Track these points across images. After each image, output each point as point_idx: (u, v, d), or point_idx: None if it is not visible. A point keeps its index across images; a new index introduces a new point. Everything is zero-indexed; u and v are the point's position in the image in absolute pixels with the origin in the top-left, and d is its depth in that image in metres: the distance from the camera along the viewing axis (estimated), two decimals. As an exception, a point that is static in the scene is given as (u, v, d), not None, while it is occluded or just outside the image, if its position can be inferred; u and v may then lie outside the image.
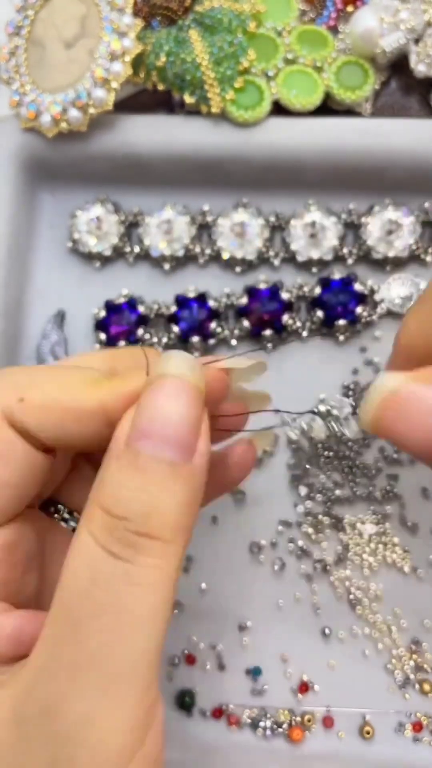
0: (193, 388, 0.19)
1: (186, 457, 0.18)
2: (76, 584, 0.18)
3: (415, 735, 0.34)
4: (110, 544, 0.18)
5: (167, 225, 0.37)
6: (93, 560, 0.18)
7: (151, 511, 0.18)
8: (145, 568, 0.18)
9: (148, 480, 0.18)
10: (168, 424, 0.18)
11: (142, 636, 0.17)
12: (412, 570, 0.35)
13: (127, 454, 0.18)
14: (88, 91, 0.35)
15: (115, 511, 0.18)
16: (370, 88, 0.37)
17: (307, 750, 0.34)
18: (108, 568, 0.17)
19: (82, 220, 0.38)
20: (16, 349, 0.38)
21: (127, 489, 0.18)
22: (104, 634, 0.17)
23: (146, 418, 0.18)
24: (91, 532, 0.18)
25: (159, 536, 0.18)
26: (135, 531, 0.18)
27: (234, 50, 0.36)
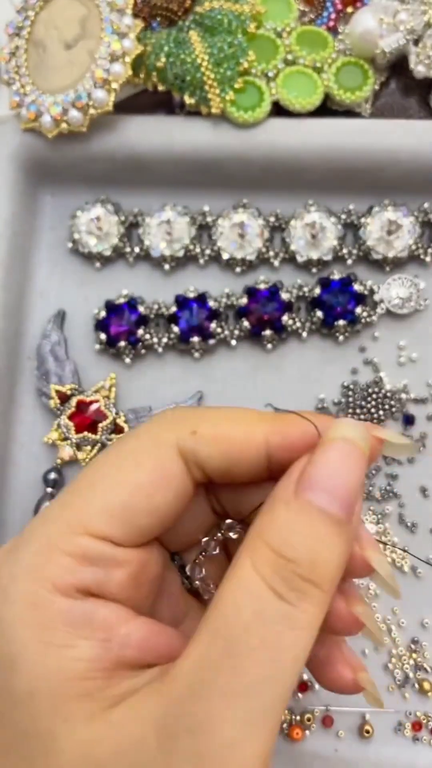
0: (364, 455, 0.20)
1: (349, 517, 0.20)
2: (239, 616, 0.18)
3: (414, 734, 0.34)
4: (277, 584, 0.18)
5: (167, 225, 0.37)
6: (258, 596, 0.18)
7: (317, 560, 0.19)
8: (305, 614, 0.19)
9: (317, 531, 0.19)
10: (340, 482, 0.20)
11: (290, 677, 0.18)
12: (412, 569, 0.35)
13: (298, 501, 0.19)
14: (88, 91, 0.35)
15: (284, 553, 0.19)
16: (369, 88, 0.37)
17: (307, 749, 0.34)
18: (273, 607, 0.18)
19: (83, 221, 0.38)
20: (17, 349, 0.38)
21: (298, 534, 0.19)
22: (262, 669, 0.18)
23: (320, 471, 0.20)
24: (257, 567, 0.19)
25: (320, 585, 0.19)
26: (301, 575, 0.19)
27: (234, 51, 0.36)
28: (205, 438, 0.21)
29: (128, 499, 0.21)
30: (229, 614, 0.19)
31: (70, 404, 0.37)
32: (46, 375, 0.37)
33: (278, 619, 0.18)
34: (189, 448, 0.21)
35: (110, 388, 0.37)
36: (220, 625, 0.19)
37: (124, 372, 0.38)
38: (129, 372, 0.38)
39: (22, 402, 0.38)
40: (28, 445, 0.38)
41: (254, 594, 0.19)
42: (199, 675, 0.18)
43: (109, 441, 0.36)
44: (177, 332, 0.37)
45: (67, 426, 0.36)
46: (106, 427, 0.36)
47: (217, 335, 0.37)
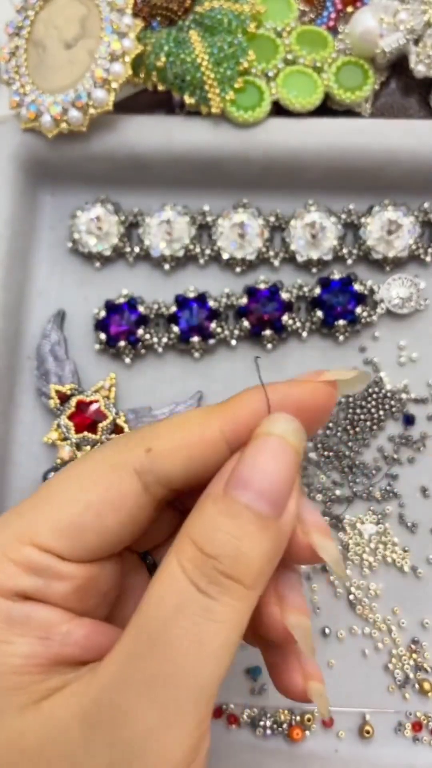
0: (294, 450, 0.20)
1: (276, 513, 0.20)
2: (162, 608, 0.19)
3: (414, 735, 0.34)
4: (198, 579, 0.19)
5: (167, 225, 0.37)
6: (180, 589, 0.19)
7: (239, 556, 0.19)
8: (225, 608, 0.19)
9: (241, 528, 0.19)
10: (266, 479, 0.20)
11: (211, 668, 0.19)
12: (412, 569, 0.35)
13: (225, 499, 0.20)
14: (88, 91, 0.35)
15: (207, 549, 0.19)
16: (369, 88, 0.37)
17: (307, 749, 0.34)
18: (193, 599, 0.19)
19: (83, 221, 0.38)
20: (17, 349, 0.38)
21: (221, 532, 0.19)
22: (181, 659, 0.18)
23: (247, 470, 0.20)
24: (181, 563, 0.19)
25: (242, 581, 0.19)
26: (222, 571, 0.19)
27: (234, 51, 0.36)
28: (160, 454, 0.21)
29: (77, 517, 0.21)
30: (152, 608, 0.19)
31: (69, 404, 0.37)
32: (46, 375, 0.37)
33: (198, 612, 0.19)
34: (147, 469, 0.21)
35: (110, 388, 0.37)
36: (144, 619, 0.19)
37: (124, 372, 0.38)
38: (129, 372, 0.38)
39: (21, 402, 0.38)
40: (27, 445, 0.38)
41: (176, 588, 0.19)
42: (123, 667, 0.19)
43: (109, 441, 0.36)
44: (177, 332, 0.37)
45: (67, 426, 0.36)
46: (106, 427, 0.36)
47: (217, 335, 0.37)
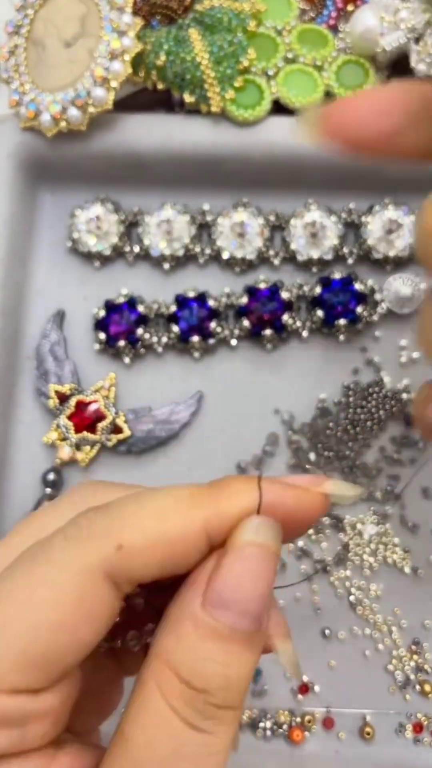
0: (275, 558, 0.19)
1: (259, 627, 0.18)
2: (154, 752, 0.17)
3: (415, 736, 0.34)
4: (191, 717, 0.18)
5: (167, 224, 0.37)
6: (174, 731, 0.18)
7: (230, 685, 0.18)
8: (222, 736, 0.18)
9: (228, 653, 0.18)
10: (250, 598, 0.18)
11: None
12: (413, 570, 0.35)
13: (206, 620, 0.18)
14: (87, 90, 0.35)
15: (196, 684, 0.18)
16: (370, 87, 0.37)
17: (308, 751, 0.34)
18: (189, 739, 0.18)
19: (82, 220, 0.38)
20: (16, 349, 0.38)
21: (209, 661, 0.18)
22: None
23: (228, 587, 0.18)
24: (168, 700, 0.18)
25: (235, 707, 0.18)
26: (216, 705, 0.18)
27: (234, 49, 0.36)
28: (134, 551, 0.18)
29: (50, 643, 0.18)
30: (140, 749, 0.18)
31: (69, 404, 0.36)
32: (46, 375, 0.37)
33: (196, 750, 0.18)
34: (117, 569, 0.18)
35: (110, 388, 0.37)
36: (131, 760, 0.18)
37: (124, 372, 0.38)
38: (128, 372, 0.38)
39: (21, 402, 0.38)
40: (27, 445, 0.37)
41: (168, 729, 0.17)
42: None
43: (109, 441, 0.36)
44: (177, 332, 0.37)
45: (67, 426, 0.36)
46: (106, 427, 0.36)
47: (217, 335, 0.37)
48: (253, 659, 0.19)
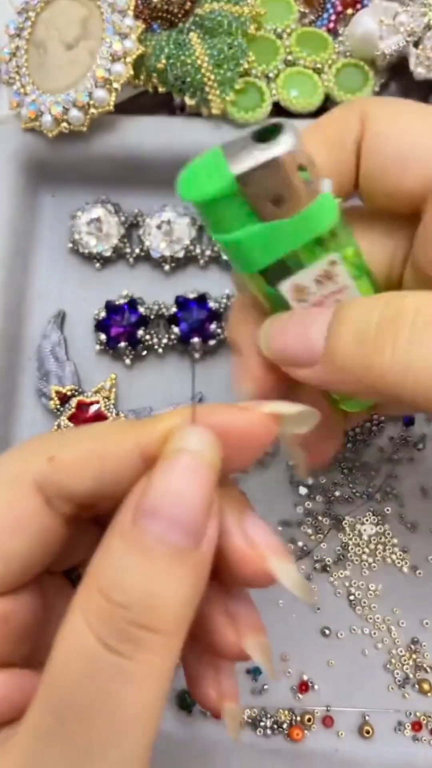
0: (210, 467, 0.17)
1: (194, 542, 0.17)
2: (68, 675, 0.16)
3: (414, 734, 0.34)
4: (107, 636, 0.16)
5: (167, 226, 0.37)
6: (87, 651, 0.16)
7: (154, 602, 0.16)
8: (142, 665, 0.16)
9: (153, 565, 0.16)
10: (179, 504, 0.17)
11: (134, 736, 0.16)
12: (412, 569, 0.35)
13: (133, 532, 0.17)
14: (89, 91, 0.35)
15: (114, 598, 0.16)
16: (369, 90, 0.37)
17: (307, 749, 0.34)
18: (103, 662, 0.16)
19: (83, 221, 0.38)
20: (17, 349, 0.38)
21: (130, 573, 0.16)
22: (94, 733, 0.16)
23: (157, 495, 0.17)
24: (87, 618, 0.16)
25: (160, 629, 0.16)
26: (133, 622, 0.16)
27: (234, 52, 0.36)
28: (66, 463, 0.18)
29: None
30: (57, 676, 0.16)
31: (70, 405, 0.37)
32: (46, 376, 0.37)
33: (111, 676, 0.16)
34: (48, 480, 0.18)
35: (110, 389, 0.37)
36: (50, 686, 0.17)
37: (125, 373, 0.38)
38: (129, 373, 0.38)
39: (22, 403, 0.38)
40: (28, 445, 0.38)
41: (82, 650, 0.16)
42: (33, 746, 0.16)
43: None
44: (177, 333, 0.37)
45: (68, 427, 0.36)
46: (107, 427, 0.36)
47: (217, 336, 0.37)
48: (187, 581, 0.17)
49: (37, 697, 0.17)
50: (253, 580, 0.19)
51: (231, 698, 0.22)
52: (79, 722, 0.16)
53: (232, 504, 0.20)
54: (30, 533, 0.19)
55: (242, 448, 0.19)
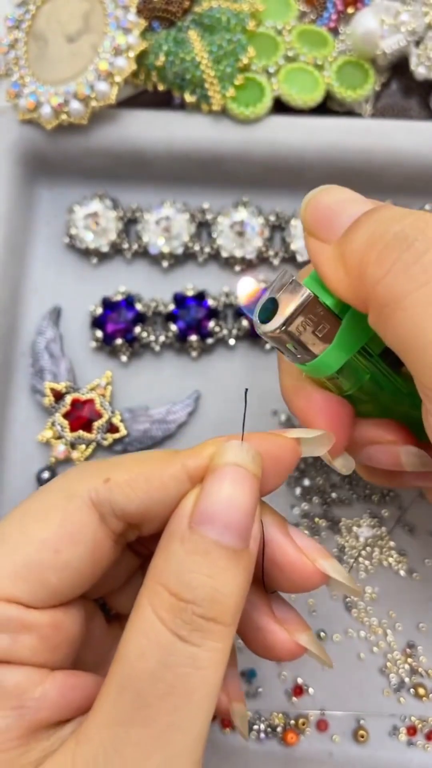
0: (253, 477, 0.20)
1: (245, 543, 0.19)
2: (145, 665, 0.18)
3: (409, 739, 0.34)
4: (179, 628, 0.18)
5: (166, 222, 0.37)
6: (162, 642, 0.18)
7: (216, 597, 0.19)
8: (210, 652, 0.19)
9: (214, 566, 0.19)
10: (231, 510, 0.19)
11: (204, 716, 0.18)
12: (408, 573, 0.35)
13: (192, 537, 0.19)
14: (91, 84, 0.34)
15: (183, 595, 0.19)
16: (370, 87, 0.37)
17: (301, 753, 0.34)
18: (177, 651, 0.18)
19: (80, 216, 0.38)
20: (12, 345, 0.37)
21: (195, 573, 0.19)
22: (172, 715, 0.18)
23: (210, 503, 0.19)
24: (157, 613, 0.19)
25: (222, 620, 0.19)
26: (202, 615, 0.18)
27: (233, 48, 0.36)
28: (119, 483, 0.21)
29: (34, 557, 0.20)
30: (133, 664, 0.18)
31: (64, 402, 0.36)
32: (41, 372, 0.37)
33: (183, 662, 0.18)
34: (103, 498, 0.21)
35: (106, 387, 0.37)
36: (126, 677, 0.18)
37: (121, 370, 0.37)
38: (125, 370, 0.38)
39: (16, 399, 0.37)
40: (21, 443, 0.37)
41: (157, 640, 0.18)
42: (111, 732, 0.18)
43: (105, 440, 0.36)
44: (175, 330, 0.36)
45: (62, 424, 0.36)
46: (101, 426, 0.36)
47: (215, 334, 0.37)
48: (241, 578, 0.19)
49: (109, 689, 0.19)
50: (305, 582, 0.22)
51: (238, 700, 0.24)
52: (156, 707, 0.18)
53: (274, 519, 0.22)
54: (85, 546, 0.21)
55: (275, 468, 0.21)
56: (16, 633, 0.20)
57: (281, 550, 0.22)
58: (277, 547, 0.22)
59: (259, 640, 0.23)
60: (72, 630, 0.22)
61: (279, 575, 0.22)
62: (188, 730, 0.18)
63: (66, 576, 0.20)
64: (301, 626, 0.23)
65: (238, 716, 0.24)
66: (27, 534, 0.20)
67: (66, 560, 0.20)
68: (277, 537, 0.22)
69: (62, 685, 0.20)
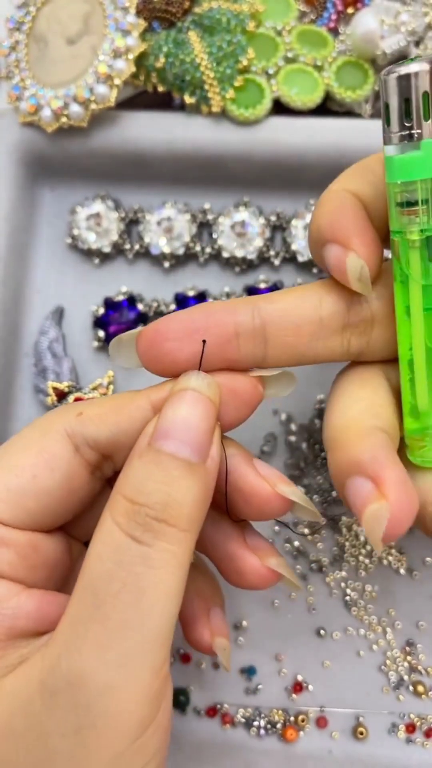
0: (209, 400, 0.22)
1: (201, 458, 0.21)
2: (101, 566, 0.20)
3: (408, 736, 0.34)
4: (132, 529, 0.20)
5: (167, 222, 0.37)
6: (117, 544, 0.20)
7: (169, 501, 0.20)
8: (162, 553, 0.20)
9: (168, 474, 0.20)
10: (186, 427, 0.21)
11: (158, 615, 0.19)
12: (408, 571, 0.35)
13: (150, 451, 0.21)
14: (90, 86, 0.35)
15: (137, 500, 0.20)
16: (370, 88, 0.37)
17: (301, 750, 0.34)
18: (130, 550, 0.20)
19: (82, 217, 0.38)
20: (14, 345, 0.38)
21: (149, 481, 0.20)
22: (125, 612, 0.19)
23: (168, 421, 0.21)
24: (115, 519, 0.20)
25: (175, 524, 0.20)
26: (154, 517, 0.20)
27: (233, 49, 0.36)
28: (90, 417, 0.23)
29: (13, 481, 0.22)
30: (93, 567, 0.20)
31: (67, 401, 0.36)
32: (44, 372, 0.37)
33: (137, 561, 0.20)
34: (76, 430, 0.23)
35: (108, 386, 0.37)
36: (86, 580, 0.20)
37: (123, 370, 0.38)
38: (127, 370, 0.38)
39: (19, 399, 0.38)
40: (24, 441, 0.37)
41: (113, 543, 0.20)
42: (73, 630, 0.19)
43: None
44: (175, 330, 0.37)
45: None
46: (103, 424, 0.36)
47: (215, 334, 0.37)
48: (197, 488, 0.21)
49: (75, 590, 0.20)
50: (268, 508, 0.23)
51: (222, 635, 0.27)
52: (113, 604, 0.19)
53: (240, 452, 0.24)
54: (61, 474, 0.22)
55: (234, 402, 0.23)
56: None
57: (244, 478, 0.23)
58: (239, 476, 0.23)
59: (231, 568, 0.25)
60: (51, 555, 0.23)
61: (243, 503, 0.23)
62: (144, 627, 0.19)
63: (43, 500, 0.22)
64: (270, 552, 0.25)
65: (220, 649, 0.26)
66: (7, 463, 0.22)
67: (43, 486, 0.22)
68: (241, 466, 0.23)
69: (39, 600, 0.22)
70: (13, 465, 0.22)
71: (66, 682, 0.19)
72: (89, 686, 0.19)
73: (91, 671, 0.19)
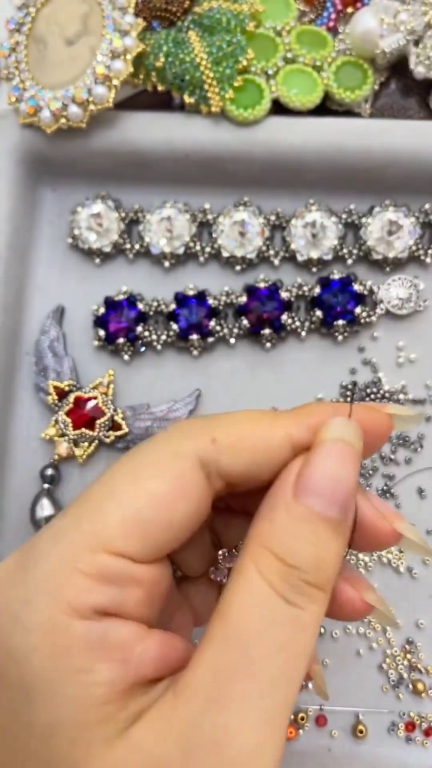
0: (358, 455, 0.21)
1: (346, 516, 0.20)
2: (252, 623, 0.19)
3: (407, 735, 0.34)
4: (285, 591, 0.19)
5: (168, 222, 0.37)
6: (269, 603, 0.19)
7: (320, 564, 0.20)
8: (311, 615, 0.20)
9: (317, 535, 0.20)
10: (338, 487, 0.20)
11: (301, 673, 0.19)
12: (408, 570, 0.35)
13: (298, 506, 0.20)
14: (88, 87, 0.35)
15: (288, 561, 0.19)
16: (369, 88, 0.37)
17: (300, 748, 0.34)
18: (283, 612, 0.19)
19: (83, 217, 0.38)
20: (16, 344, 0.38)
21: (300, 540, 0.20)
22: (276, 671, 0.19)
23: (317, 477, 0.20)
24: (263, 574, 0.19)
25: (323, 588, 0.20)
26: (307, 581, 0.19)
27: (233, 49, 0.36)
28: (225, 445, 0.21)
29: (147, 512, 0.20)
30: (240, 621, 0.19)
31: (68, 400, 0.37)
32: (44, 371, 0.37)
33: (288, 623, 0.19)
34: (210, 458, 0.21)
35: (108, 385, 0.37)
36: (231, 632, 0.19)
37: (123, 369, 0.38)
38: (127, 369, 0.38)
39: (19, 398, 0.38)
40: (25, 441, 0.38)
41: (264, 600, 0.19)
42: (215, 683, 0.19)
43: (107, 438, 0.36)
44: (176, 330, 0.37)
45: (65, 422, 0.36)
46: (104, 423, 0.36)
47: (216, 333, 0.37)
48: (340, 549, 0.20)
49: (211, 645, 0.19)
50: (384, 542, 0.23)
51: (316, 662, 0.26)
52: (261, 662, 0.19)
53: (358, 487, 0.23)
54: (192, 503, 0.21)
55: (370, 441, 0.22)
56: (126, 587, 0.20)
57: (364, 512, 0.22)
58: (361, 513, 0.22)
59: (331, 599, 0.24)
60: (166, 586, 0.22)
61: (358, 538, 0.23)
62: (287, 687, 0.19)
63: (173, 532, 0.21)
64: (366, 585, 0.24)
65: (318, 677, 0.26)
66: (139, 489, 0.21)
67: (177, 517, 0.21)
68: (361, 501, 0.22)
69: (161, 643, 0.21)
70: (147, 493, 0.20)
71: (210, 737, 0.18)
72: (236, 745, 0.18)
73: (237, 729, 0.18)
